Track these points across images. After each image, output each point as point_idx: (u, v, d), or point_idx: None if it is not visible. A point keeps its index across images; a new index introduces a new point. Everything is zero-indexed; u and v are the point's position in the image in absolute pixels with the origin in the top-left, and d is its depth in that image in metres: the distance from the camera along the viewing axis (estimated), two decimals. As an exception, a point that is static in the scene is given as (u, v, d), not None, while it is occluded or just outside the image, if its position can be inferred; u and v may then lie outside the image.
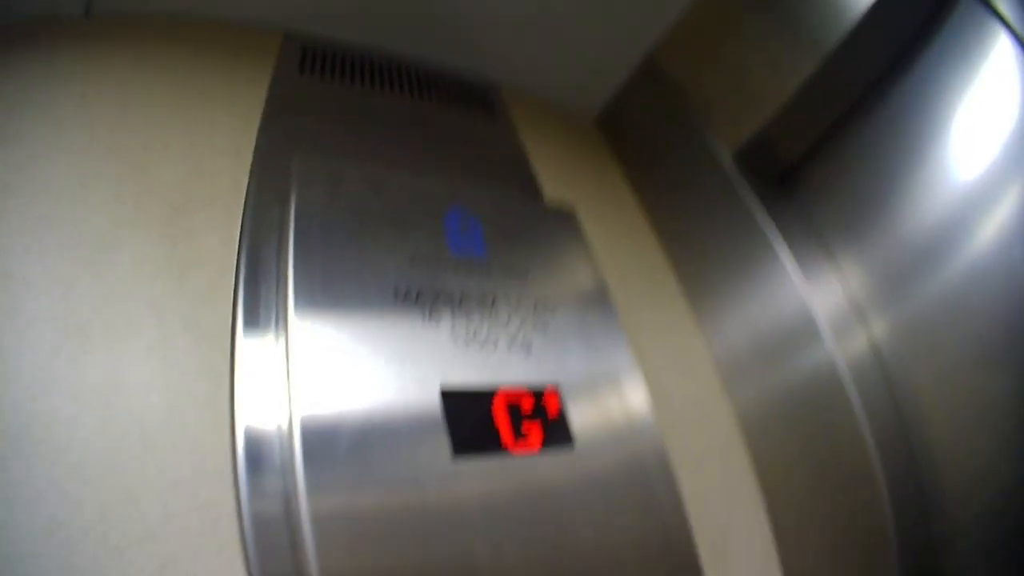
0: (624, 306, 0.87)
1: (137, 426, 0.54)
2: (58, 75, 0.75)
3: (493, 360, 0.62)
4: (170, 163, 0.72)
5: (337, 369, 0.54)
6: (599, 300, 0.76)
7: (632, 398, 0.69)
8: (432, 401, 0.56)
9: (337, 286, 0.59)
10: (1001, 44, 0.78)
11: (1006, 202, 0.76)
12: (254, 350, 0.57)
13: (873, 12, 0.81)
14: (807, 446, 0.86)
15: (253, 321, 0.59)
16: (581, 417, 0.64)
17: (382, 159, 0.80)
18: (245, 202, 0.70)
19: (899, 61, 0.88)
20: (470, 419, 0.57)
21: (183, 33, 0.89)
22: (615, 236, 1.08)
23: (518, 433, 0.59)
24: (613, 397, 0.68)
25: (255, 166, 0.73)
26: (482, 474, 0.55)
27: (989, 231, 0.77)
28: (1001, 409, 0.74)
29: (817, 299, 0.86)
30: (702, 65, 1.06)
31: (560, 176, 1.09)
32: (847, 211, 0.93)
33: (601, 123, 1.30)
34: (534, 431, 0.60)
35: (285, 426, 0.52)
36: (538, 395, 0.62)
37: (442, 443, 0.54)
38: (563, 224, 0.83)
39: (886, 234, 0.88)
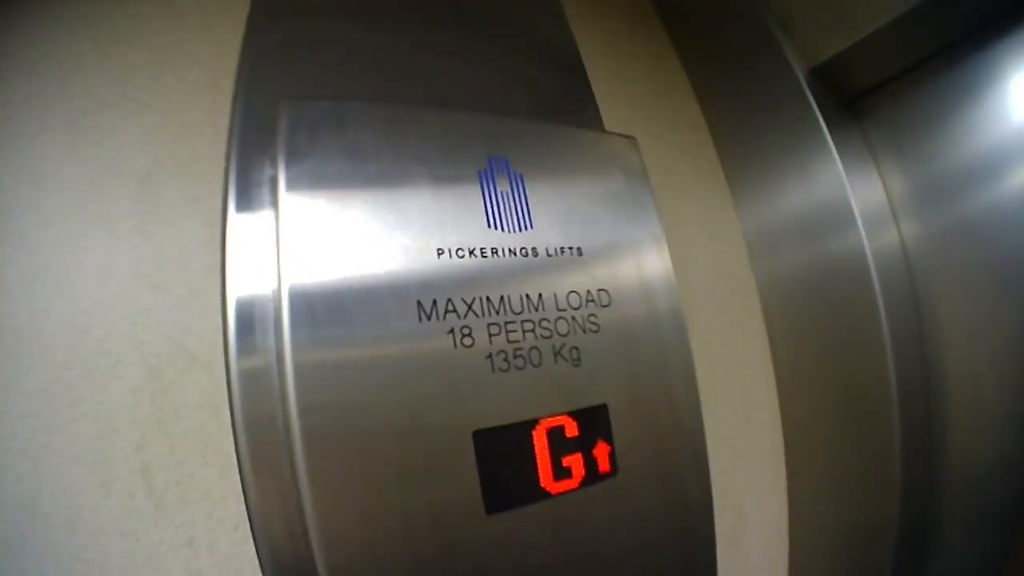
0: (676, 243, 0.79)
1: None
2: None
3: (536, 382, 0.49)
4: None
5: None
6: (661, 284, 0.63)
7: (680, 402, 0.58)
8: (464, 446, 0.46)
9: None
10: None
11: None
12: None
13: None
14: (825, 324, 0.87)
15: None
16: (628, 442, 0.53)
17: (399, 86, 0.60)
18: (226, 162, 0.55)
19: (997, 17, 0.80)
20: (507, 463, 0.46)
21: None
22: (666, 126, 1.01)
23: (559, 470, 0.47)
24: (664, 411, 0.56)
25: (236, 99, 0.56)
26: (518, 525, 0.45)
27: None
28: (1012, 337, 0.74)
29: (857, 188, 0.85)
30: None
31: (615, 72, 0.96)
32: (903, 135, 0.90)
33: (660, 6, 1.14)
34: (576, 464, 0.49)
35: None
36: (588, 420, 0.50)
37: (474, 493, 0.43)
38: (624, 158, 0.67)
39: (935, 154, 0.85)
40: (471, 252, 0.50)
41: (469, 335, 0.48)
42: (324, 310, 0.46)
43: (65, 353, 0.48)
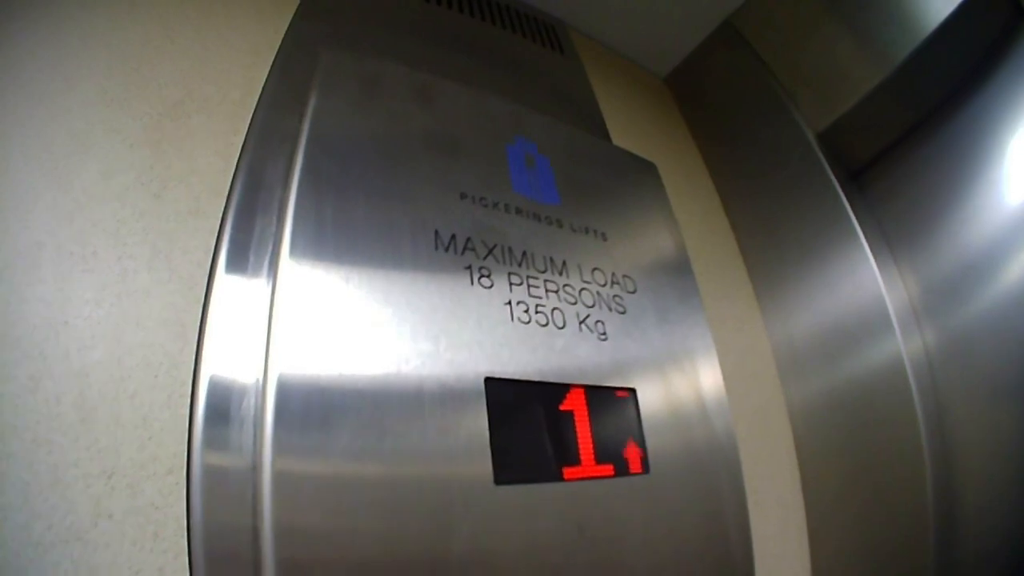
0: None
1: (74, 388, 0.41)
2: None
3: (558, 345, 0.45)
4: (170, 58, 0.59)
5: (340, 326, 0.39)
6: (681, 274, 0.61)
7: (710, 400, 0.53)
8: (473, 391, 0.40)
9: (354, 224, 0.42)
10: None
11: None
12: (233, 294, 0.41)
13: (951, 21, 0.79)
14: (859, 452, 0.81)
15: (237, 260, 0.43)
16: (658, 433, 0.47)
17: (431, 66, 0.62)
18: (256, 105, 0.55)
19: (981, 66, 0.85)
20: (523, 427, 0.40)
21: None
22: (680, 202, 0.95)
23: (583, 452, 0.42)
24: (692, 400, 0.52)
25: (275, 67, 0.57)
26: (529, 505, 0.38)
27: None
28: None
29: (890, 291, 0.82)
30: (788, 35, 0.99)
31: (630, 128, 0.97)
32: (910, 216, 0.90)
33: (672, 82, 1.21)
34: (601, 451, 0.43)
35: (259, 380, 0.38)
36: (614, 400, 0.45)
37: (483, 460, 0.38)
38: (645, 176, 0.67)
39: (943, 243, 0.84)
40: (495, 204, 0.49)
41: (488, 276, 0.44)
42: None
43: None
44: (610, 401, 0.45)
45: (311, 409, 0.36)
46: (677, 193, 0.94)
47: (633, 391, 0.47)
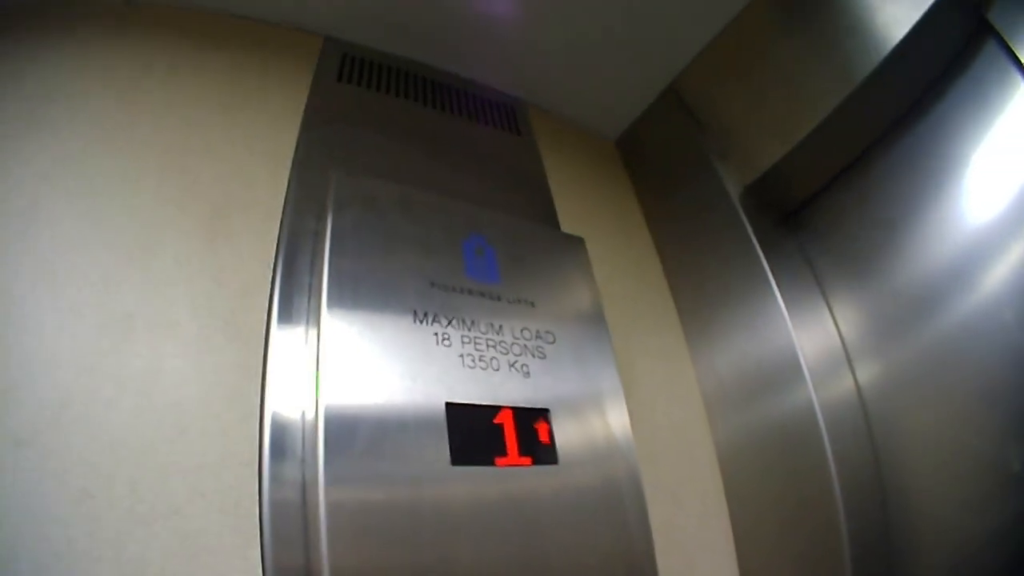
0: (621, 331, 0.93)
1: (172, 413, 0.60)
2: (97, 66, 0.76)
3: (495, 380, 0.69)
4: (210, 164, 0.76)
5: (360, 369, 0.61)
6: (596, 327, 0.83)
7: (615, 425, 0.76)
8: (438, 412, 0.63)
9: (364, 300, 0.66)
10: (1020, 92, 0.78)
11: (1006, 260, 0.75)
12: (286, 342, 0.65)
13: (899, 50, 0.80)
14: (780, 485, 0.87)
15: (287, 316, 0.67)
16: (567, 440, 0.71)
17: (412, 176, 0.87)
18: (283, 210, 0.75)
19: (919, 102, 0.88)
20: (469, 432, 0.64)
21: (224, 29, 0.91)
22: (621, 259, 1.12)
23: (509, 449, 0.65)
24: (598, 422, 0.74)
25: (293, 175, 0.79)
26: (474, 481, 0.62)
27: (987, 285, 0.77)
28: (975, 470, 0.75)
29: (805, 338, 0.88)
30: (722, 95, 1.07)
31: (577, 196, 1.13)
32: (847, 253, 0.95)
33: (621, 145, 1.35)
34: (523, 448, 0.66)
35: (311, 414, 0.60)
36: (532, 417, 0.69)
37: (443, 450, 0.61)
38: (573, 252, 0.90)
39: (881, 278, 0.89)
40: (453, 288, 0.72)
41: (448, 338, 0.68)
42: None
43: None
44: (530, 415, 0.69)
45: (352, 436, 0.57)
46: (618, 246, 1.13)
47: (547, 410, 0.71)
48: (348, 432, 0.57)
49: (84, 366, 0.58)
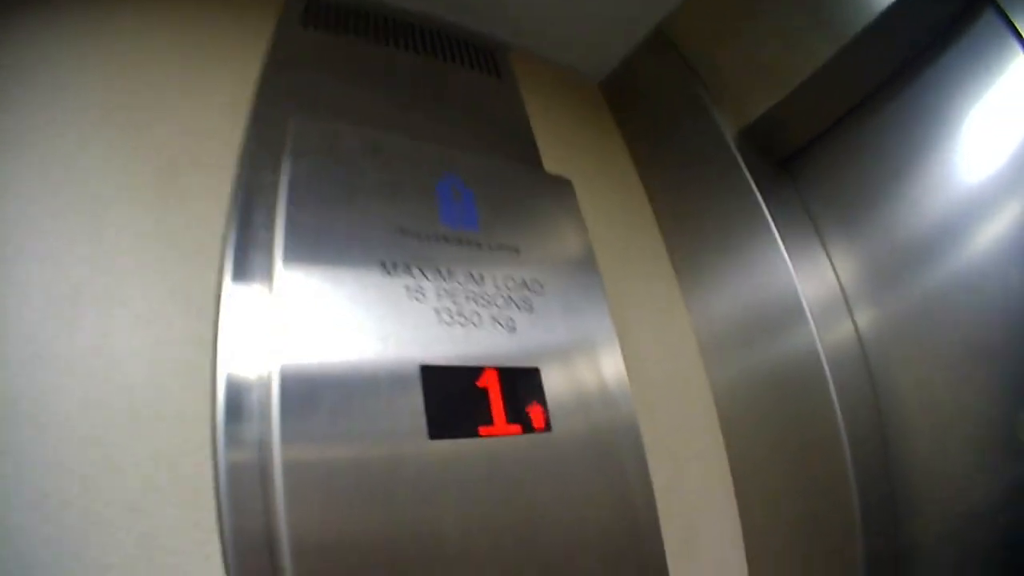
0: (612, 278, 0.87)
1: (122, 396, 0.54)
2: (56, 33, 0.71)
3: (476, 337, 0.61)
4: (164, 121, 0.70)
5: (320, 327, 0.54)
6: (587, 274, 0.76)
7: (612, 383, 0.69)
8: (411, 375, 0.56)
9: (326, 252, 0.58)
10: (1017, 62, 0.77)
11: (1004, 216, 0.75)
12: (239, 301, 0.57)
13: (896, 6, 0.79)
14: (781, 432, 0.86)
15: (241, 275, 0.59)
16: (560, 402, 0.64)
17: (381, 120, 0.78)
18: (239, 165, 0.68)
19: (915, 61, 0.87)
20: (448, 398, 0.57)
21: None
22: (610, 204, 1.07)
23: (495, 416, 0.58)
24: (592, 380, 0.68)
25: (250, 126, 0.71)
26: (457, 455, 0.55)
27: (983, 242, 0.77)
28: (975, 421, 0.74)
29: (806, 282, 0.86)
30: (715, 39, 1.04)
31: (561, 140, 1.07)
32: (844, 202, 0.93)
33: (606, 88, 1.28)
34: (511, 414, 0.60)
35: (265, 374, 0.53)
36: (520, 377, 0.62)
37: (418, 420, 0.54)
38: (559, 194, 0.82)
39: (880, 228, 0.88)
40: (426, 236, 0.64)
41: (421, 292, 0.60)
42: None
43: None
44: (517, 377, 0.62)
45: (311, 397, 0.50)
46: (606, 192, 1.07)
47: (537, 369, 0.64)
48: (308, 393, 0.50)
49: (32, 354, 0.53)
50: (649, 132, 1.16)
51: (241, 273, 0.59)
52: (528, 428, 0.60)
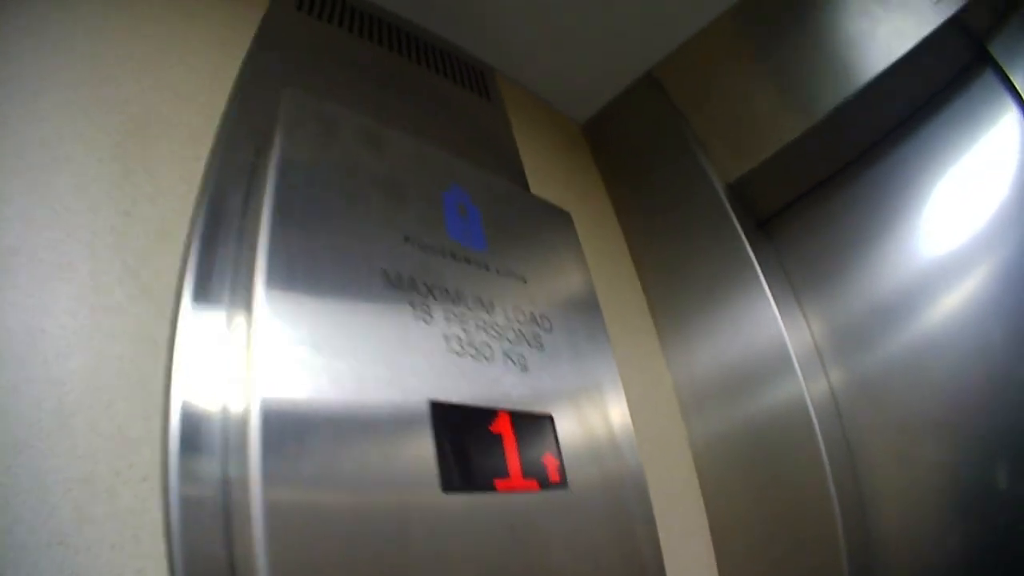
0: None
1: (53, 392, 0.42)
2: None
3: (489, 374, 0.52)
4: (135, 74, 0.60)
5: (310, 343, 0.43)
6: (592, 314, 0.69)
7: (620, 435, 0.62)
8: (419, 412, 0.46)
9: (318, 261, 0.47)
10: (1007, 120, 0.79)
11: (974, 279, 0.77)
12: (202, 321, 0.46)
13: (883, 79, 0.81)
14: (763, 491, 0.83)
15: (203, 288, 0.47)
16: (575, 454, 0.55)
17: (381, 113, 0.69)
18: (216, 135, 0.58)
19: (894, 131, 0.90)
20: (462, 443, 0.47)
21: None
22: (592, 247, 1.00)
23: (511, 467, 0.49)
24: (601, 425, 0.60)
25: (235, 93, 0.61)
26: (473, 514, 0.45)
27: (953, 304, 0.78)
28: (940, 481, 0.75)
29: (792, 334, 0.85)
30: (705, 91, 1.03)
31: (546, 174, 1.02)
32: (819, 264, 0.94)
33: (588, 129, 1.25)
34: (527, 466, 0.50)
35: (239, 407, 0.41)
36: (533, 424, 0.53)
37: (429, 466, 0.44)
38: (561, 227, 0.75)
39: (851, 289, 0.88)
40: (433, 248, 0.55)
41: (428, 311, 0.50)
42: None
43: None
44: (531, 424, 0.53)
45: (291, 434, 0.38)
46: (586, 237, 0.99)
47: (550, 416, 0.55)
48: (294, 427, 0.39)
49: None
50: (632, 177, 1.14)
51: (207, 274, 0.48)
52: (545, 483, 0.50)
